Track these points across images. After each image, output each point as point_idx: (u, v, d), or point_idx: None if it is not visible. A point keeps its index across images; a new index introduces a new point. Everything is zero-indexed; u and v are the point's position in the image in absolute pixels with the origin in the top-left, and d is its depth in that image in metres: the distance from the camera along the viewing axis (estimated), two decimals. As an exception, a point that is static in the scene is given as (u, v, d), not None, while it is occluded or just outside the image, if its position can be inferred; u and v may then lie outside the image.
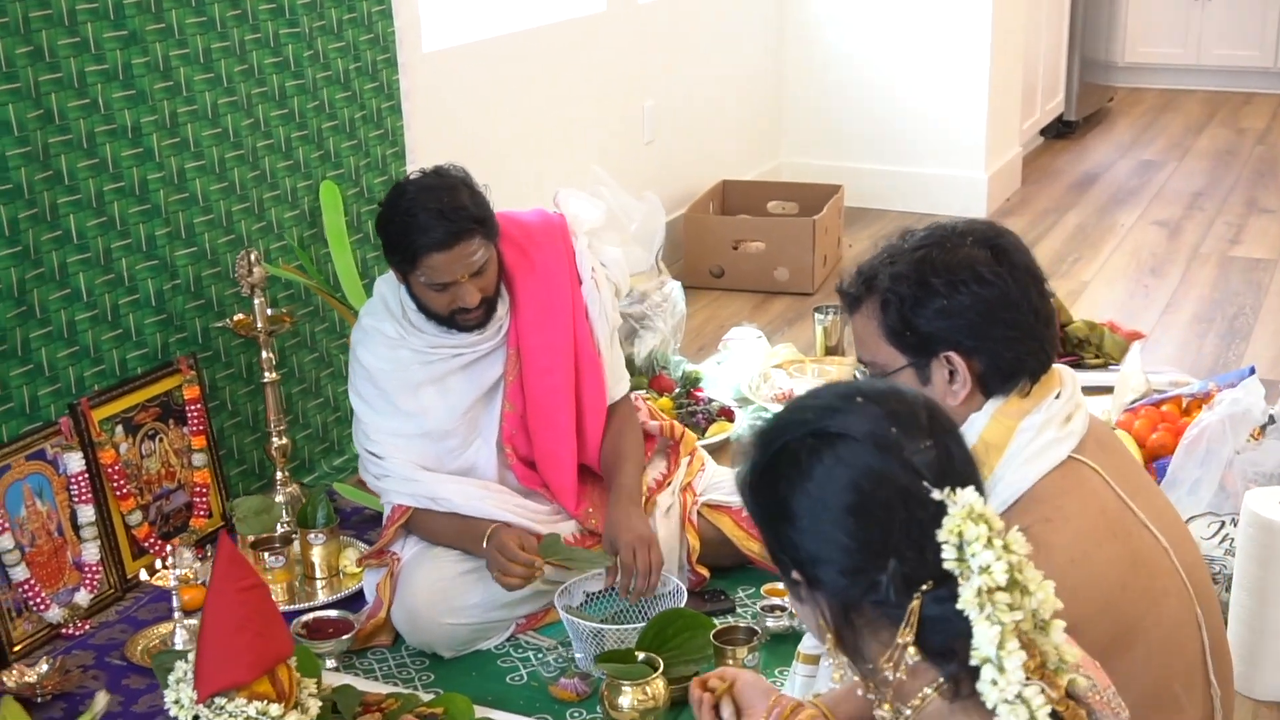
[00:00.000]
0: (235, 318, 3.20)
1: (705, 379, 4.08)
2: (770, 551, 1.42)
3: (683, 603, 2.78)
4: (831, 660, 1.42)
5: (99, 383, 3.06)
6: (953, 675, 1.31)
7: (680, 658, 2.65)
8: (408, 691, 2.63)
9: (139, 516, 3.09)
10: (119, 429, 3.09)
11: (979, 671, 1.29)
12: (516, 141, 4.43)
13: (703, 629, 2.67)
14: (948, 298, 1.81)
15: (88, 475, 2.96)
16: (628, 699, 2.49)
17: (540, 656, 2.82)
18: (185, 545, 3.00)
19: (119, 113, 3.02)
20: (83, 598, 2.95)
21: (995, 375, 1.85)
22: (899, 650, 1.31)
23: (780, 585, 2.69)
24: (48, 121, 2.86)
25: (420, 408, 2.89)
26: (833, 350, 4.26)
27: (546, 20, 4.63)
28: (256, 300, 3.16)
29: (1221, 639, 1.98)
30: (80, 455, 2.96)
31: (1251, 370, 3.51)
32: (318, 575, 3.09)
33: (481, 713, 2.56)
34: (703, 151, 5.66)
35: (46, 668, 2.69)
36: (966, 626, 1.27)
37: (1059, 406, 1.85)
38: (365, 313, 2.97)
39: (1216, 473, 2.84)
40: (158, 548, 3.09)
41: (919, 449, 1.33)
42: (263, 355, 3.21)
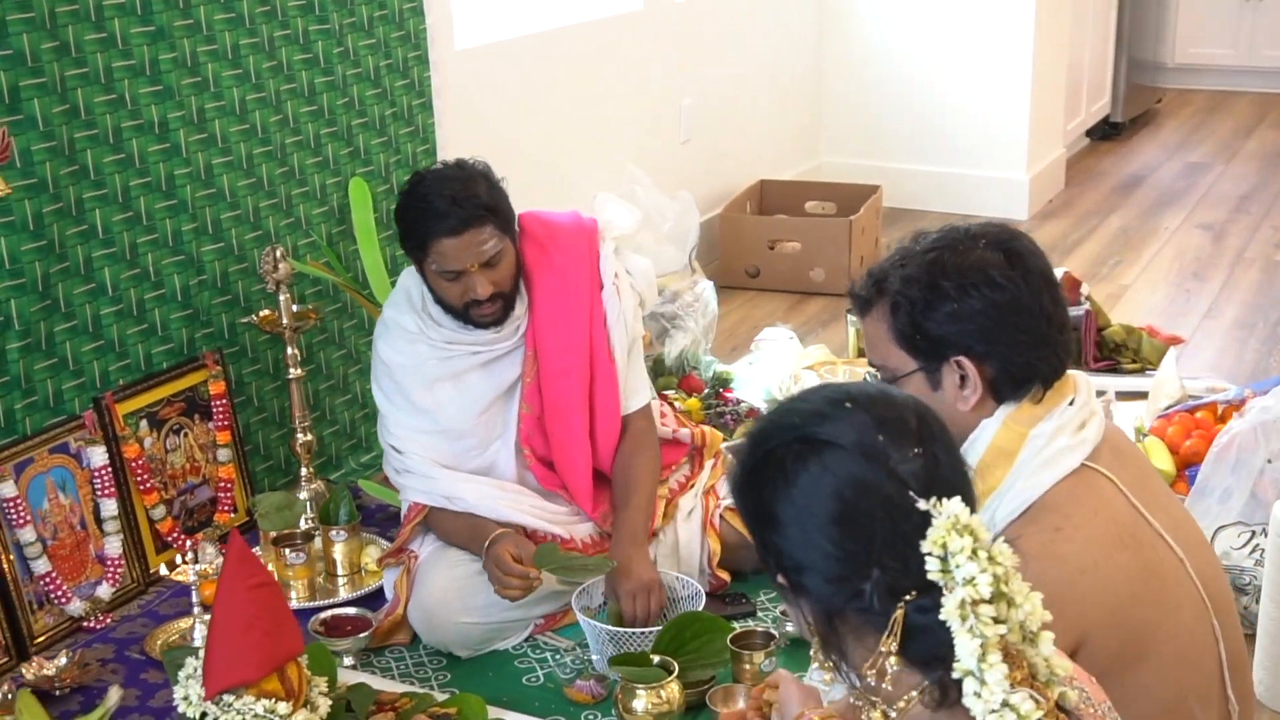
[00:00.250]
0: (261, 313, 3.20)
1: (736, 380, 4.05)
2: (759, 554, 1.40)
3: (701, 606, 2.75)
4: (818, 663, 1.40)
5: (124, 377, 3.07)
6: (940, 682, 1.29)
7: (697, 661, 2.62)
8: (422, 691, 2.62)
9: (162, 511, 3.10)
10: (143, 423, 3.10)
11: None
12: (550, 140, 4.41)
13: (720, 633, 2.65)
14: (958, 301, 1.78)
15: (111, 469, 2.97)
16: (642, 702, 2.47)
17: (558, 658, 2.80)
18: (208, 540, 3.00)
19: (146, 108, 3.03)
20: (104, 591, 2.96)
21: (1007, 381, 1.82)
22: (882, 658, 1.29)
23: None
24: (74, 116, 2.87)
25: (436, 404, 2.88)
26: (865, 352, 4.21)
27: (582, 18, 4.62)
28: (282, 296, 3.16)
29: (1241, 653, 1.93)
30: (104, 449, 2.97)
31: (1288, 377, 3.46)
32: (339, 572, 3.09)
33: (496, 713, 2.55)
34: (740, 151, 5.62)
35: (65, 661, 2.69)
36: (950, 637, 1.25)
37: (1072, 413, 1.82)
38: (388, 305, 2.97)
39: (1247, 481, 2.78)
40: (181, 542, 3.10)
41: (906, 457, 1.30)
42: (288, 351, 3.21)
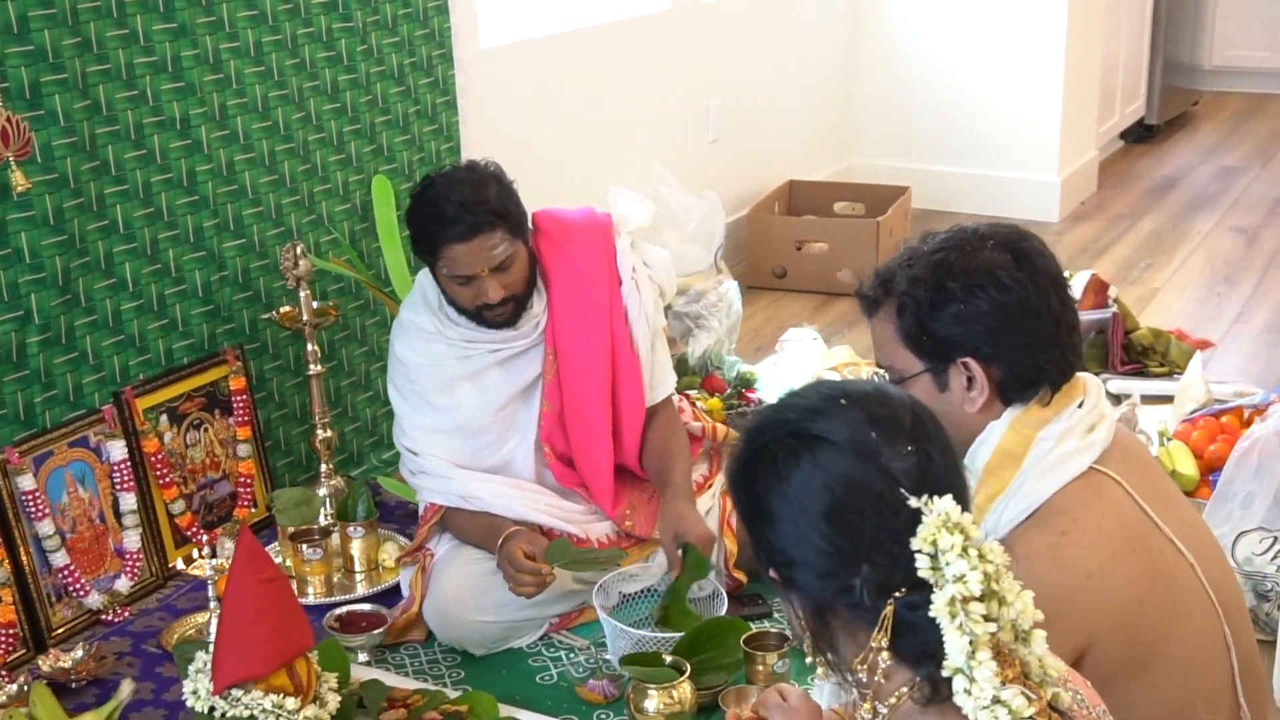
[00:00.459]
0: (281, 310, 3.21)
1: (760, 380, 4.03)
2: (752, 547, 1.40)
3: (724, 609, 2.73)
4: (809, 659, 1.39)
5: (144, 372, 3.09)
6: (930, 678, 1.28)
7: (711, 662, 2.61)
8: (435, 688, 2.62)
9: (182, 505, 3.11)
10: (163, 418, 3.11)
11: None
12: (576, 139, 4.41)
13: (734, 634, 2.63)
14: (965, 302, 1.77)
15: (130, 463, 2.98)
16: (653, 702, 2.46)
17: (572, 657, 2.79)
18: (228, 535, 3.02)
19: (167, 104, 3.04)
20: (123, 585, 2.97)
21: (1014, 383, 1.80)
22: (873, 654, 1.28)
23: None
24: (95, 112, 2.89)
25: (454, 403, 2.88)
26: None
27: (609, 18, 4.61)
28: (302, 293, 3.17)
29: (1253, 659, 1.91)
30: (123, 443, 2.98)
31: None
32: (357, 568, 3.10)
33: (508, 712, 2.55)
34: (769, 151, 5.60)
35: (81, 653, 2.71)
36: (940, 634, 1.24)
37: (1081, 416, 1.80)
38: (405, 306, 2.98)
39: (1270, 486, 2.75)
40: (200, 537, 3.11)
41: (898, 455, 1.30)
42: (308, 348, 3.22)
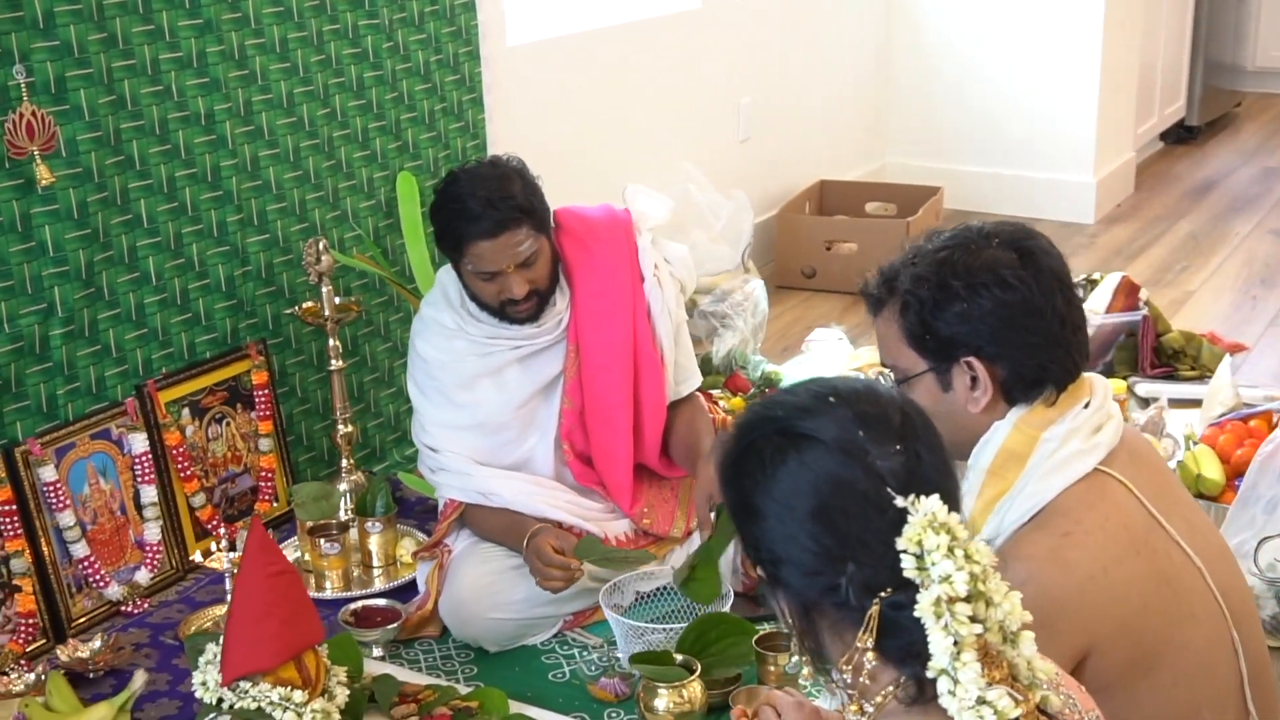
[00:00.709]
0: (303, 305, 3.23)
1: (784, 380, 4.02)
2: (741, 544, 1.40)
3: (728, 606, 2.73)
4: (797, 658, 1.38)
5: (167, 365, 3.11)
6: (916, 677, 1.27)
7: (722, 662, 2.60)
8: (446, 684, 2.62)
9: (202, 499, 3.13)
10: (185, 411, 3.13)
11: None
12: (604, 137, 4.41)
13: (745, 634, 2.62)
14: (968, 301, 1.75)
15: (152, 456, 3.01)
16: (663, 701, 2.46)
17: (585, 655, 2.79)
18: (246, 529, 3.03)
19: (192, 100, 3.06)
20: (143, 576, 2.99)
21: (1018, 383, 1.78)
22: (858, 654, 1.28)
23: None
24: (120, 107, 2.91)
25: (474, 399, 2.88)
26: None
27: (639, 15, 4.61)
28: (324, 288, 3.18)
29: (1265, 665, 1.89)
30: (144, 436, 3.00)
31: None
32: (374, 564, 3.11)
33: (518, 709, 2.55)
34: (801, 150, 5.58)
35: (99, 644, 2.73)
36: (926, 634, 1.23)
37: (1086, 416, 1.78)
38: (426, 303, 2.99)
39: (1292, 492, 2.72)
40: (220, 530, 3.12)
41: (886, 454, 1.29)
42: (330, 343, 3.23)
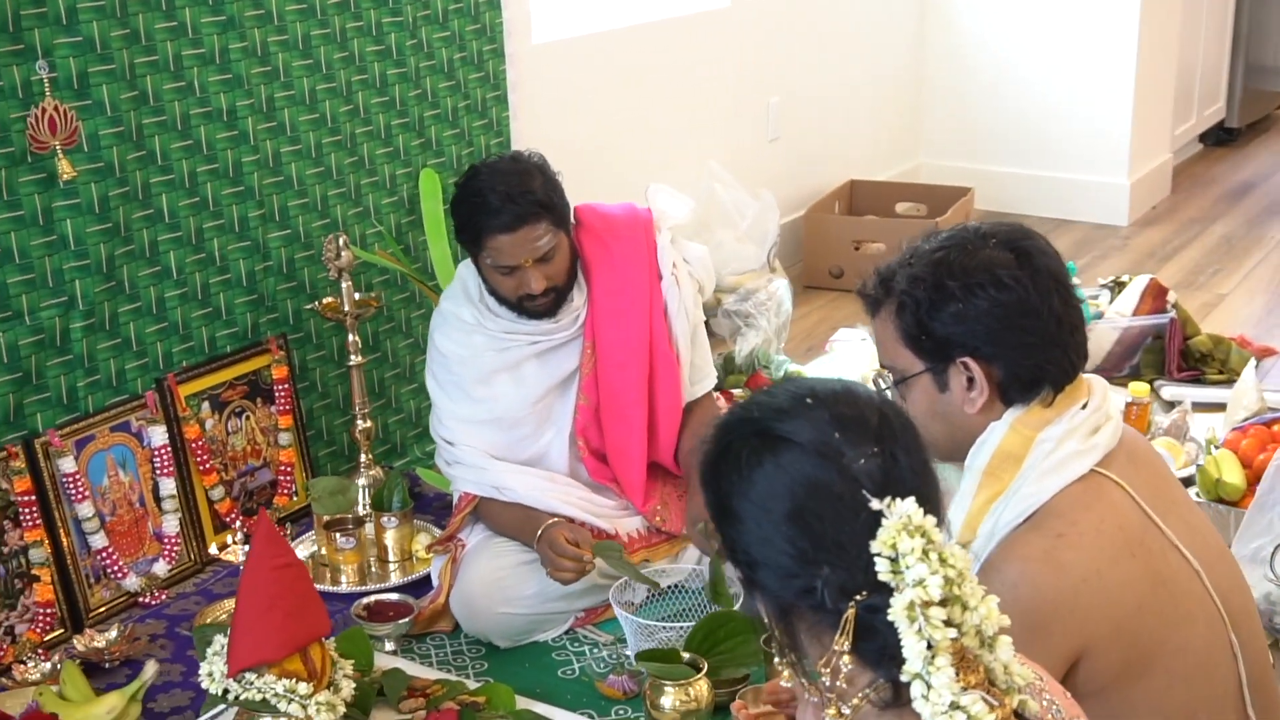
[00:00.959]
0: (323, 300, 3.24)
1: (807, 380, 4.00)
2: (719, 546, 1.40)
3: (737, 605, 2.73)
4: (776, 660, 1.38)
5: (187, 359, 3.13)
6: (892, 680, 1.27)
7: (730, 661, 2.60)
8: (455, 679, 2.63)
9: (221, 492, 3.15)
10: (205, 405, 3.16)
11: None
12: (629, 136, 4.41)
13: (754, 633, 2.62)
14: (964, 301, 1.74)
15: (171, 449, 3.04)
16: (670, 699, 2.46)
17: (595, 652, 2.80)
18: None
19: (215, 96, 3.08)
20: (161, 568, 3.02)
21: (1015, 383, 1.78)
22: (835, 657, 1.27)
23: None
24: (142, 103, 2.93)
25: (491, 394, 2.90)
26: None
27: (667, 14, 4.61)
28: (344, 284, 3.20)
29: (1264, 668, 1.87)
30: (164, 429, 3.03)
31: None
32: (390, 558, 3.12)
33: (526, 705, 2.56)
34: (830, 150, 5.56)
35: (115, 634, 2.76)
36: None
37: (1084, 417, 1.77)
38: (445, 297, 3.00)
39: (1312, 498, 2.68)
40: (237, 524, 3.15)
41: (862, 456, 1.28)
42: (349, 338, 3.25)
